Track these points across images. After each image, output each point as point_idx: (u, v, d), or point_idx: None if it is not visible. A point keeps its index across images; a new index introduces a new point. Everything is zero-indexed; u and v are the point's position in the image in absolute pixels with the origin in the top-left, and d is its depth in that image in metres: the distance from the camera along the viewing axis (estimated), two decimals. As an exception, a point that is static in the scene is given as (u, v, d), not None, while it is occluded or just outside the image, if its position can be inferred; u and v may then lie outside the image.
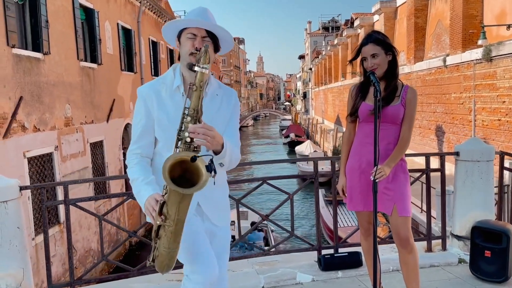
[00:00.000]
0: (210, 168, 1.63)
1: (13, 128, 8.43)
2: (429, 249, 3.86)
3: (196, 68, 1.72)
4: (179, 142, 1.74)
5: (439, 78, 15.25)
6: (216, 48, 1.95)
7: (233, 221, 14.42)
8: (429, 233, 3.86)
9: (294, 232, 3.61)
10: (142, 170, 1.91)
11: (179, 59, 1.99)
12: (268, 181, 3.49)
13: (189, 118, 1.72)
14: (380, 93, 2.33)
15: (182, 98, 1.92)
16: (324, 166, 23.68)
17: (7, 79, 8.36)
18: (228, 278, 2.14)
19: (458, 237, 3.85)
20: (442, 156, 3.83)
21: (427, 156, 3.80)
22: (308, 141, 33.59)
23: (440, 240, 3.92)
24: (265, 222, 16.44)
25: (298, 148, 32.47)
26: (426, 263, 3.63)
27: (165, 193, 1.71)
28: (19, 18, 9.19)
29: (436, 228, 7.27)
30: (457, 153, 3.75)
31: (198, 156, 1.64)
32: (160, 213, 1.69)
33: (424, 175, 3.82)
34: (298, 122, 60.13)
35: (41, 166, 9.41)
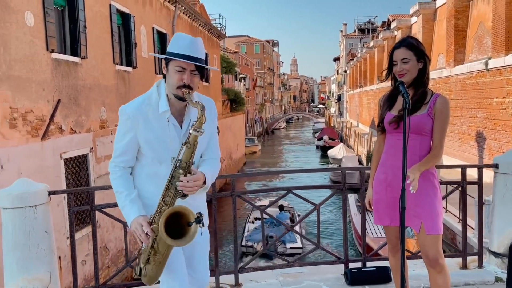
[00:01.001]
0: (199, 221, 1.86)
1: (51, 130, 8.72)
2: (464, 266, 3.66)
3: (191, 131, 1.90)
4: (170, 186, 1.94)
5: (480, 82, 14.64)
6: (202, 76, 2.04)
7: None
8: (465, 249, 3.66)
9: (320, 244, 3.51)
10: (125, 183, 2.07)
11: (164, 77, 2.07)
12: (294, 191, 3.41)
13: (181, 171, 1.91)
14: (409, 104, 2.20)
15: (167, 121, 2.04)
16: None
17: (46, 83, 8.66)
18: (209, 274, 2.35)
19: (496, 254, 3.64)
20: (479, 169, 3.62)
21: (463, 167, 3.61)
22: (341, 144, 33.04)
23: (476, 256, 3.71)
24: (291, 205, 17.03)
25: (330, 152, 32.02)
26: (460, 281, 3.44)
27: (153, 221, 1.94)
28: (58, 23, 9.51)
29: (474, 239, 6.95)
30: (496, 165, 3.54)
31: (192, 222, 1.86)
32: (152, 245, 1.94)
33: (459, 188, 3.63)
34: (332, 125, 59.45)
35: (77, 167, 9.69)
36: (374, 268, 3.42)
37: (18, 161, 7.73)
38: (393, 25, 27.58)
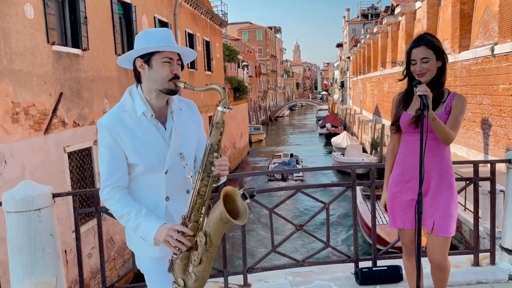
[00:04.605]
0: (245, 196, 1.77)
1: (54, 124, 8.65)
2: (476, 263, 3.59)
3: (219, 109, 1.78)
4: (203, 174, 1.80)
5: (486, 68, 14.44)
6: (182, 66, 1.94)
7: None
8: (477, 246, 3.59)
9: (329, 243, 3.45)
10: (130, 203, 1.85)
11: (138, 81, 1.90)
12: (303, 190, 3.34)
13: (215, 154, 1.81)
14: (428, 107, 2.11)
15: (149, 123, 1.87)
16: (365, 158, 23.20)
17: (47, 76, 8.56)
18: None
19: (509, 251, 3.57)
20: (492, 164, 3.53)
21: (476, 163, 3.52)
22: (345, 132, 32.84)
23: (488, 253, 3.64)
24: (296, 155, 27.40)
25: (334, 140, 31.87)
26: (472, 279, 3.38)
27: (188, 220, 1.80)
28: (58, 15, 9.37)
29: (485, 225, 6.92)
30: (509, 161, 3.45)
31: (242, 193, 1.77)
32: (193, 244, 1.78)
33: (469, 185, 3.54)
34: (335, 112, 59.16)
35: (81, 161, 9.64)
36: (385, 268, 3.36)
37: (21, 156, 7.68)
38: (397, 10, 27.20)
